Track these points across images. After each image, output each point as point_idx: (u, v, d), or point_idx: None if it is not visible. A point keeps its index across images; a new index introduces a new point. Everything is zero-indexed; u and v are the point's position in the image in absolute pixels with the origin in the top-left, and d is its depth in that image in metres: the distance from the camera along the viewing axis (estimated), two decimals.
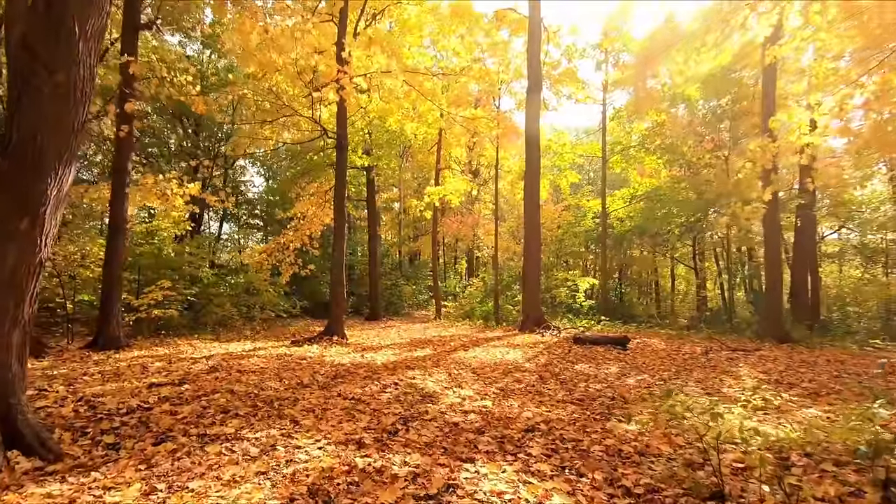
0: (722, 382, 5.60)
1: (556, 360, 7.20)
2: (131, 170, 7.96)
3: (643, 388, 5.34)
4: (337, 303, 9.66)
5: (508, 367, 6.64)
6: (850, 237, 20.61)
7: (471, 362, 7.09)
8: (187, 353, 7.42)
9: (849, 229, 20.26)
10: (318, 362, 6.88)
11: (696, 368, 6.57)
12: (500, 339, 10.38)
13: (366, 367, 6.48)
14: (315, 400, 4.64)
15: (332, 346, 8.68)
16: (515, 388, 5.39)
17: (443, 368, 6.53)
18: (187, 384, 5.17)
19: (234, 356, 7.17)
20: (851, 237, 20.31)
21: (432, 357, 7.57)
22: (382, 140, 15.32)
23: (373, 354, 7.87)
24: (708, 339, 9.80)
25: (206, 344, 8.73)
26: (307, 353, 7.67)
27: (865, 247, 19.07)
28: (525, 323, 12.61)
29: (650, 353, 7.92)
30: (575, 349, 8.33)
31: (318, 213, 12.20)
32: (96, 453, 3.22)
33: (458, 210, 24.19)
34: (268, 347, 8.33)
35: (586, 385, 5.54)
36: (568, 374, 6.15)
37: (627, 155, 16.82)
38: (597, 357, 7.52)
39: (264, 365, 6.46)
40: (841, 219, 18.76)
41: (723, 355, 7.68)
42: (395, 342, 9.91)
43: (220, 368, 6.09)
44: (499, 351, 8.25)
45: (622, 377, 6.01)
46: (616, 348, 8.38)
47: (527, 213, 13.33)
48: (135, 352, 7.43)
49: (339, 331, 9.61)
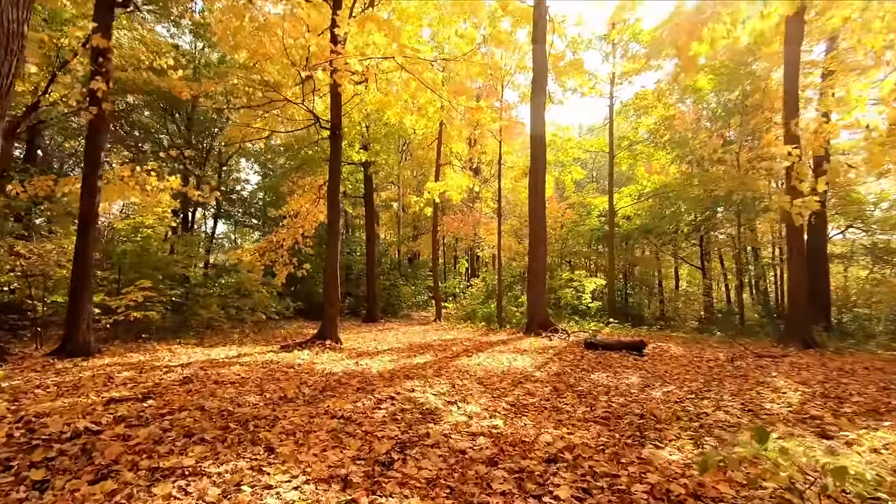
0: (761, 396, 4.96)
1: (569, 369, 6.55)
2: (105, 160, 7.30)
3: (673, 403, 4.69)
4: (331, 304, 9.01)
5: (517, 377, 5.99)
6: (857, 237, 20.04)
7: (475, 371, 6.44)
8: (163, 361, 6.76)
9: (857, 229, 19.68)
10: (306, 371, 6.22)
11: (725, 378, 5.93)
12: (504, 343, 9.73)
13: (359, 377, 5.83)
14: (298, 419, 3.99)
15: (324, 352, 8.03)
16: (528, 403, 4.74)
17: (445, 378, 5.89)
18: (152, 399, 4.51)
19: (214, 364, 6.51)
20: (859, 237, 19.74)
21: (433, 364, 6.92)
22: (380, 134, 14.68)
23: (368, 361, 7.22)
24: (728, 344, 9.17)
25: (187, 349, 8.07)
26: (296, 360, 7.02)
27: (876, 246, 18.49)
28: (530, 325, 11.98)
29: (670, 360, 7.28)
30: (587, 355, 7.69)
31: (312, 210, 11.54)
32: (14, 496, 2.56)
33: (459, 208, 23.56)
34: (254, 353, 7.67)
35: (608, 399, 4.89)
36: (585, 386, 5.50)
37: (634, 151, 16.19)
38: (613, 365, 6.88)
39: (246, 374, 5.81)
40: (850, 218, 18.18)
41: (749, 362, 7.05)
42: (392, 347, 9.27)
43: (195, 379, 5.43)
44: (505, 357, 7.60)
45: (646, 389, 5.37)
46: (632, 354, 7.74)
47: (531, 210, 12.70)
48: (105, 359, 6.77)
49: (332, 334, 8.95)
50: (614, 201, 15.80)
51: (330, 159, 9.38)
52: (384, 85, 12.71)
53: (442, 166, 16.40)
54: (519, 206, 22.87)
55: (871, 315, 16.78)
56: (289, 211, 11.84)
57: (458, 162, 18.02)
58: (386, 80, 12.64)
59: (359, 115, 14.21)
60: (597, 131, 20.33)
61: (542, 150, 12.75)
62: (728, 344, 9.35)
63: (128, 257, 10.70)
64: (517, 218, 22.99)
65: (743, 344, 8.82)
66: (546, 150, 13.21)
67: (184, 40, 17.86)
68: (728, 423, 3.98)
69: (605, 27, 16.14)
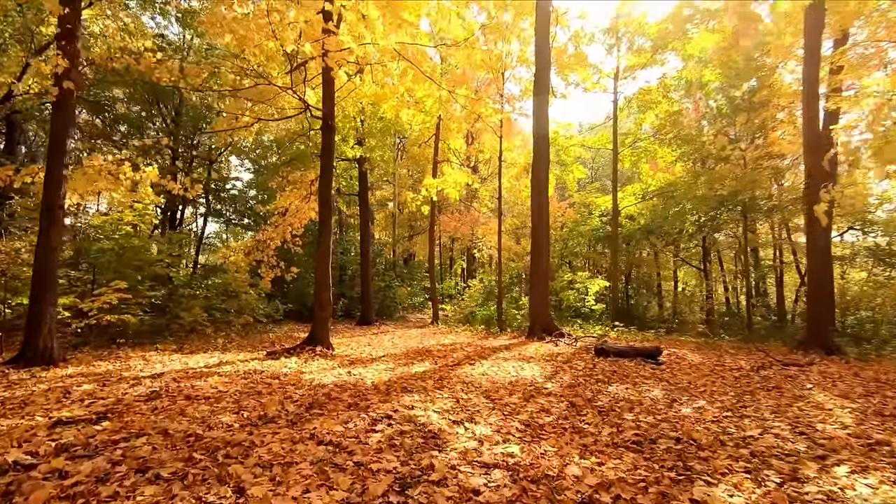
0: (806, 414, 4.40)
1: (582, 380, 5.97)
2: (73, 147, 6.63)
3: (710, 423, 4.12)
4: (321, 306, 8.37)
5: (528, 390, 5.40)
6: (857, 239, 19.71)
7: (480, 381, 5.85)
8: (133, 371, 6.10)
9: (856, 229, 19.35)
10: (293, 382, 5.59)
11: (756, 391, 5.37)
12: (507, 349, 9.14)
13: (352, 390, 5.21)
14: (278, 446, 3.37)
15: (313, 359, 7.39)
16: (545, 423, 4.15)
17: (448, 391, 5.28)
18: (109, 420, 3.87)
19: (190, 374, 5.86)
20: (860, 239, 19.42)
21: (433, 374, 6.32)
22: (375, 129, 14.06)
23: (362, 370, 6.60)
24: (746, 350, 8.65)
25: (163, 356, 7.39)
26: (282, 370, 6.38)
27: (879, 248, 18.15)
28: (533, 329, 11.40)
29: (690, 370, 6.72)
30: (599, 364, 7.11)
31: (303, 207, 10.89)
32: None
33: (456, 207, 22.97)
34: (236, 361, 7.01)
35: (634, 418, 4.31)
36: (604, 401, 4.92)
37: (638, 147, 15.68)
38: (629, 374, 6.31)
39: (224, 387, 5.17)
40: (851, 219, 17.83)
41: (776, 372, 6.50)
42: (388, 352, 8.65)
43: (165, 394, 4.79)
44: (511, 366, 7.01)
45: (673, 404, 4.79)
46: (647, 362, 7.18)
47: (534, 209, 12.13)
48: (69, 368, 6.09)
49: (323, 339, 8.32)
50: (618, 200, 15.28)
51: (321, 152, 8.75)
52: (380, 76, 12.10)
53: (439, 163, 15.80)
54: (517, 205, 22.34)
55: (874, 318, 16.42)
56: (277, 208, 11.18)
57: (455, 159, 17.42)
58: (382, 70, 12.03)
59: (353, 108, 13.59)
60: (598, 129, 19.82)
61: (545, 144, 12.19)
62: (745, 350, 8.83)
63: (106, 256, 10.00)
64: (515, 218, 22.45)
65: (763, 350, 8.29)
66: (549, 145, 12.67)
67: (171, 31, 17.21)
68: (783, 451, 3.41)
69: (609, 21, 15.65)
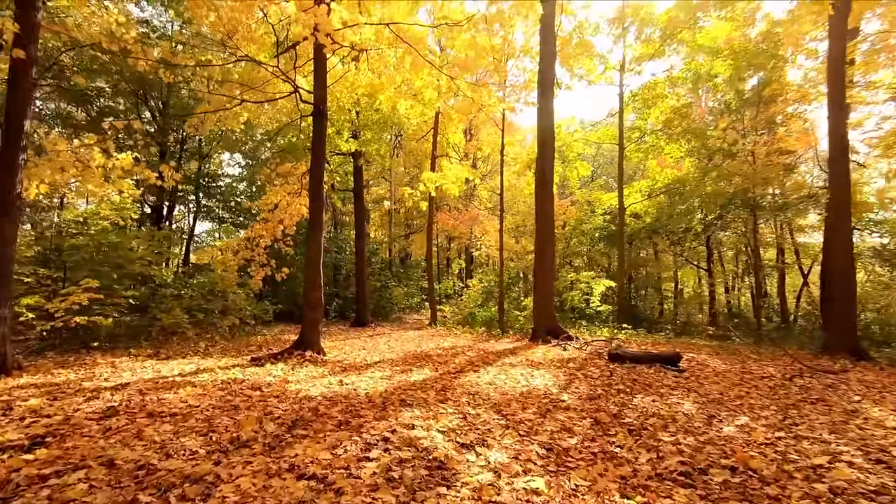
0: (869, 434, 3.80)
1: (602, 390, 5.35)
2: (31, 130, 5.95)
3: (763, 446, 3.51)
4: (311, 308, 7.70)
5: (543, 403, 4.77)
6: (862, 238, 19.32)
7: (488, 392, 5.21)
8: (97, 380, 5.41)
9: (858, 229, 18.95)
10: (276, 394, 4.93)
11: (799, 404, 4.78)
12: (513, 353, 8.51)
13: (343, 404, 4.56)
14: (248, 482, 2.72)
15: (302, 366, 6.72)
16: (570, 447, 3.52)
17: (452, 404, 4.64)
18: (46, 446, 3.20)
19: (160, 384, 5.19)
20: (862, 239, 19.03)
21: (435, 383, 5.68)
22: (371, 121, 13.40)
23: (355, 378, 5.95)
24: (769, 356, 8.07)
25: (135, 363, 6.70)
26: (266, 378, 5.71)
27: (885, 248, 17.75)
28: (537, 332, 10.78)
29: (716, 378, 6.12)
30: (616, 371, 6.50)
31: (294, 202, 10.20)
32: None
33: (455, 205, 22.35)
34: (216, 368, 6.33)
35: (673, 439, 3.69)
36: (633, 417, 4.30)
37: (644, 143, 15.12)
38: (652, 384, 5.69)
39: (196, 401, 4.50)
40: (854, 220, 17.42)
41: (812, 381, 5.92)
42: (384, 357, 8.00)
43: (124, 410, 4.12)
44: (519, 373, 6.38)
45: (712, 421, 4.18)
46: (667, 369, 6.57)
47: (539, 205, 11.54)
48: (23, 377, 5.39)
49: (313, 343, 7.65)
50: (623, 198, 14.70)
51: (313, 140, 8.08)
52: (376, 63, 11.46)
53: (438, 158, 15.16)
54: (518, 202, 21.73)
55: (882, 320, 16.00)
56: (267, 203, 10.49)
57: (455, 154, 16.80)
58: (378, 57, 11.39)
59: (348, 99, 12.92)
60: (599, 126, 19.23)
61: (549, 136, 11.59)
62: (768, 355, 8.24)
63: (81, 253, 9.28)
64: (515, 216, 21.85)
65: (789, 355, 7.72)
66: (555, 136, 12.06)
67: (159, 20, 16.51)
68: (866, 486, 2.80)
69: (615, 11, 15.08)
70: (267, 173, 10.50)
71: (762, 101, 14.91)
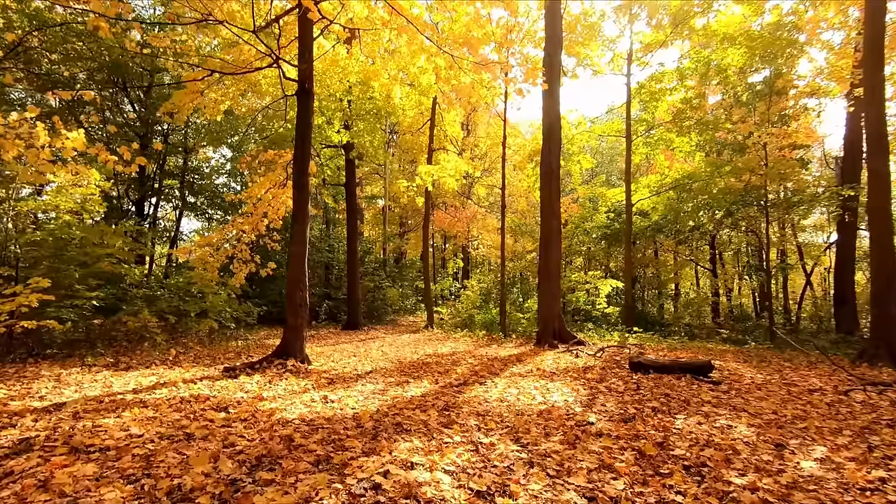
0: None
1: (633, 408, 4.53)
2: None
3: (870, 493, 2.70)
4: (294, 311, 6.83)
5: (568, 425, 3.94)
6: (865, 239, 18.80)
7: (500, 411, 4.38)
8: (29, 399, 4.49)
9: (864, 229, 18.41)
10: (244, 416, 4.06)
11: (875, 427, 3.99)
12: (519, 360, 7.69)
13: (325, 430, 3.70)
14: None
15: (281, 378, 5.85)
16: (618, 496, 2.69)
17: (459, 429, 3.81)
18: None
19: (102, 405, 4.29)
20: None
21: (435, 398, 4.83)
22: (364, 110, 12.54)
23: (342, 393, 5.09)
24: (807, 364, 7.31)
25: (86, 375, 5.78)
26: (236, 395, 4.83)
27: None
28: (543, 336, 9.99)
29: (759, 391, 5.33)
30: (642, 382, 5.69)
31: (279, 194, 9.32)
32: None
33: (451, 203, 21.50)
34: (179, 382, 5.43)
35: (746, 481, 2.87)
36: (683, 446, 3.48)
37: (652, 136, 14.38)
38: (689, 399, 4.88)
39: (140, 428, 3.62)
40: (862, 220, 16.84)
41: (874, 396, 5.15)
42: (377, 366, 7.14)
43: (44, 443, 3.23)
44: (532, 385, 5.56)
45: (782, 452, 3.38)
46: (699, 380, 5.78)
47: (544, 198, 10.73)
48: None
49: (297, 351, 6.78)
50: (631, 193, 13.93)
51: (297, 123, 7.21)
52: (370, 46, 10.60)
53: (435, 151, 14.32)
54: (514, 199, 20.93)
55: None
56: (251, 196, 9.59)
57: (452, 147, 15.96)
58: (372, 40, 10.53)
59: (339, 86, 12.04)
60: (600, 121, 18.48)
61: (556, 125, 10.80)
62: (802, 362, 7.48)
63: (41, 250, 8.33)
64: (513, 213, 21.05)
65: (834, 362, 6.96)
66: (561, 126, 11.27)
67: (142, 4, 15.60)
68: None
69: None
70: (248, 161, 9.55)
71: (774, 92, 14.25)
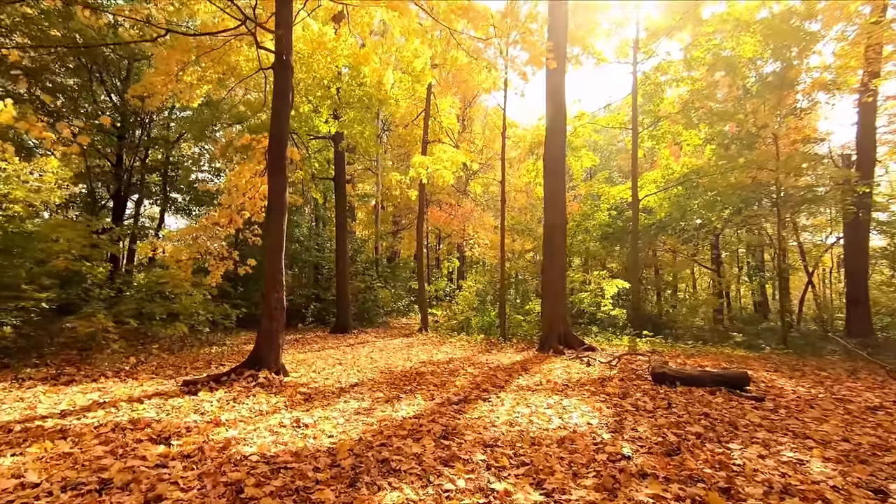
0: None
1: (672, 434, 3.71)
2: None
3: None
4: (269, 315, 5.94)
5: (598, 460, 3.11)
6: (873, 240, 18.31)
7: (511, 439, 3.55)
8: None
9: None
10: (187, 452, 3.18)
11: None
12: (524, 369, 6.86)
13: (290, 472, 2.84)
14: None
15: (248, 394, 4.95)
16: None
17: (463, 467, 2.96)
18: None
19: (10, 435, 3.40)
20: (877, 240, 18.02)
21: (431, 421, 3.99)
22: (354, 98, 11.67)
23: (319, 414, 4.22)
24: (849, 373, 6.55)
25: (14, 391, 4.85)
26: (188, 418, 3.95)
27: None
28: (547, 341, 9.18)
29: (810, 409, 4.54)
30: (672, 398, 4.88)
31: (258, 184, 8.44)
32: None
33: (447, 200, 20.67)
34: (122, 401, 4.52)
35: None
36: (757, 495, 2.66)
37: (657, 129, 13.66)
38: (734, 422, 4.08)
39: (39, 474, 2.72)
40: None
41: None
42: (364, 377, 6.27)
43: None
44: (544, 402, 4.72)
45: (885, 500, 2.58)
46: (739, 395, 4.98)
47: (547, 194, 9.93)
48: None
49: (270, 360, 5.89)
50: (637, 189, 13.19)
51: (273, 101, 6.33)
52: (359, 25, 9.77)
53: (430, 144, 13.49)
54: (515, 195, 20.14)
55: None
56: (228, 186, 8.70)
57: (448, 139, 15.14)
58: (361, 18, 9.71)
59: (327, 72, 11.16)
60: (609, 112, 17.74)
61: (560, 117, 10.03)
62: (843, 371, 6.71)
63: None
64: (512, 211, 20.26)
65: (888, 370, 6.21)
66: (566, 118, 10.49)
67: None
68: None
69: None
70: (222, 146, 8.64)
71: (786, 83, 13.61)
